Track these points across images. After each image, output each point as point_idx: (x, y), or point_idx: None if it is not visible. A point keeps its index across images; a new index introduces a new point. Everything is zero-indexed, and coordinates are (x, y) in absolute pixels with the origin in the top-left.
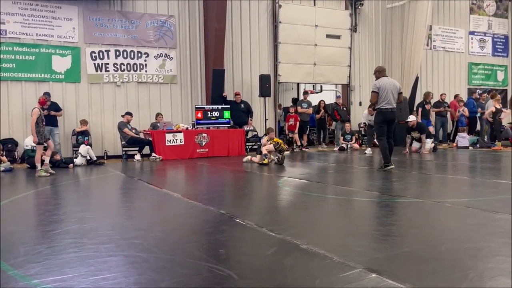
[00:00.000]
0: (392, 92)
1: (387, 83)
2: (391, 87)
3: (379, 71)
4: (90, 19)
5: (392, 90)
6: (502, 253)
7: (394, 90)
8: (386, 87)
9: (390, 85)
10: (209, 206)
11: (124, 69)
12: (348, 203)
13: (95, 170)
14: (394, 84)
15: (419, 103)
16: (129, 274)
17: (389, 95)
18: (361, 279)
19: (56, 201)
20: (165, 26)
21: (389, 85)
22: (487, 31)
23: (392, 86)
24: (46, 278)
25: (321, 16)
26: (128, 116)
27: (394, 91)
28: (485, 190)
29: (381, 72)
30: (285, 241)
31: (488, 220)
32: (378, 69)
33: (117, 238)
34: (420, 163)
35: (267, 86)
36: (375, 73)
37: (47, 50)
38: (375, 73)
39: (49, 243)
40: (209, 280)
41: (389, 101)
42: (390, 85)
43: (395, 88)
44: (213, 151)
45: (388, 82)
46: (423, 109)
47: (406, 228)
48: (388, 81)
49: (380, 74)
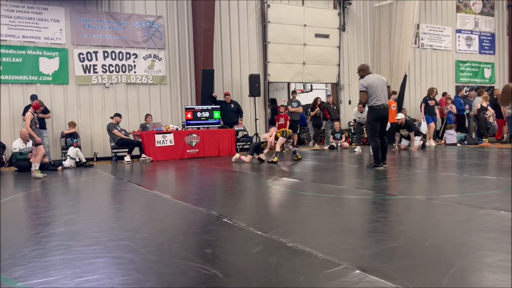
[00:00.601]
0: (382, 88)
1: (375, 80)
2: (379, 83)
3: (362, 69)
4: (78, 20)
5: (382, 86)
6: (485, 247)
7: (383, 85)
8: (374, 84)
9: (378, 81)
10: (198, 206)
11: (112, 70)
12: (336, 201)
13: (84, 172)
14: (381, 79)
15: (423, 98)
16: (114, 275)
17: (378, 92)
18: (344, 275)
19: (43, 203)
20: (153, 27)
21: (377, 82)
22: (474, 29)
23: (380, 82)
24: (31, 280)
25: (310, 16)
26: (117, 118)
27: (384, 86)
28: (472, 186)
29: (365, 70)
30: (271, 240)
31: (472, 215)
32: (362, 68)
33: (104, 240)
34: (408, 160)
35: (256, 86)
36: (359, 72)
37: (34, 52)
38: (359, 72)
39: (35, 246)
40: (194, 279)
41: (379, 97)
42: (378, 81)
43: (383, 83)
44: (204, 152)
45: (375, 79)
46: (426, 105)
47: (393, 225)
48: (375, 77)
49: (365, 72)
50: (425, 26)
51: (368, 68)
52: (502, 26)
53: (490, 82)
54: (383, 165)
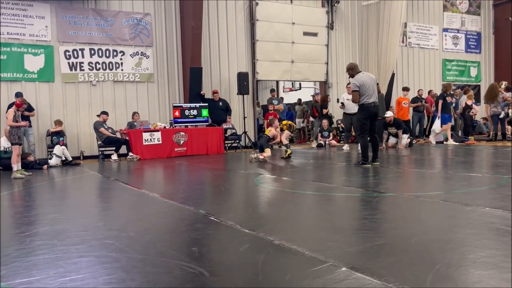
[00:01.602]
0: (373, 86)
1: (366, 78)
2: (370, 81)
3: (352, 68)
4: (63, 17)
5: (373, 84)
6: (469, 244)
7: (373, 83)
8: (366, 83)
9: (368, 79)
10: (185, 205)
11: (99, 68)
12: (324, 199)
13: (70, 170)
14: (371, 77)
15: (440, 95)
16: (98, 274)
17: (370, 90)
18: (331, 272)
19: (27, 203)
20: (141, 24)
21: (367, 80)
22: (460, 28)
23: (370, 80)
24: (13, 280)
25: (298, 14)
26: (104, 116)
27: (374, 84)
28: (457, 183)
29: (354, 69)
30: (258, 238)
31: (457, 212)
32: (351, 67)
33: (89, 239)
34: (396, 158)
35: (245, 84)
36: (348, 71)
37: (19, 49)
38: (348, 71)
39: (18, 245)
40: (179, 278)
41: (370, 95)
42: (368, 79)
43: (373, 81)
44: (192, 150)
45: (365, 77)
46: (444, 101)
47: (379, 222)
48: (365, 75)
49: (354, 71)
50: (413, 25)
51: (357, 67)
52: (488, 25)
53: (476, 81)
54: (376, 162)
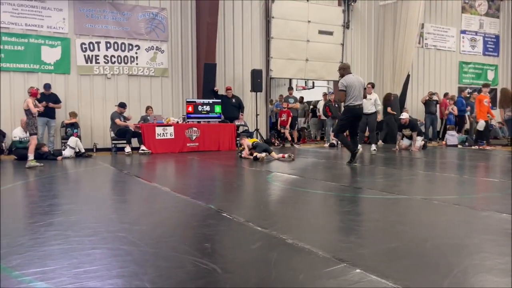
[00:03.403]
0: (360, 89)
1: (354, 80)
2: (357, 84)
3: (343, 68)
4: (81, 10)
5: (359, 87)
6: (486, 250)
7: (360, 86)
8: (353, 84)
9: (357, 82)
10: (197, 200)
11: (114, 61)
12: (336, 199)
13: (83, 162)
14: (360, 80)
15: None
16: (111, 267)
17: (356, 92)
18: (344, 274)
19: (42, 193)
20: (156, 19)
21: (355, 82)
22: (479, 31)
23: (358, 83)
24: (27, 270)
25: (314, 12)
26: (121, 108)
27: (361, 87)
28: (472, 187)
29: (346, 69)
30: (271, 236)
31: (473, 217)
32: (343, 66)
33: (102, 231)
34: (410, 160)
35: (258, 81)
36: (340, 71)
37: (37, 41)
38: (340, 70)
39: (32, 235)
40: (192, 273)
41: (356, 97)
42: (356, 82)
43: (361, 84)
44: (204, 146)
45: (354, 79)
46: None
47: (393, 224)
48: (354, 78)
49: (345, 71)
50: (430, 26)
51: (349, 68)
52: (507, 28)
53: (493, 84)
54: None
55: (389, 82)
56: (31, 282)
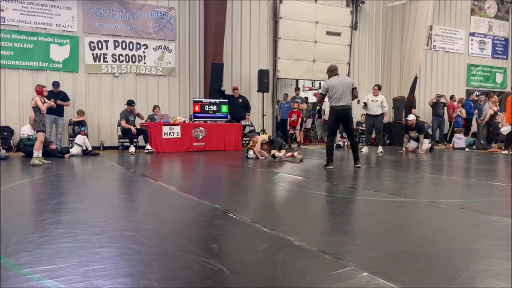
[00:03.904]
0: (344, 90)
1: (336, 82)
2: (341, 85)
3: (330, 70)
4: (90, 8)
5: (344, 88)
6: (494, 255)
7: (345, 87)
8: (335, 86)
9: (340, 84)
10: (204, 200)
11: (122, 60)
12: (343, 201)
13: (90, 160)
14: (345, 81)
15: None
16: (119, 265)
17: (339, 93)
18: (352, 277)
19: (50, 190)
20: (165, 18)
21: (338, 84)
22: (488, 33)
23: (343, 84)
24: (36, 267)
25: (322, 13)
26: (129, 106)
27: (346, 88)
28: (480, 191)
29: (333, 71)
30: (277, 237)
31: (481, 221)
32: (330, 68)
33: (109, 230)
34: (416, 163)
35: (265, 81)
36: (327, 72)
37: (46, 39)
38: (327, 72)
39: (41, 233)
40: (199, 274)
41: (340, 99)
42: (339, 84)
43: (346, 85)
44: (210, 145)
45: (338, 81)
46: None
47: (400, 227)
48: (338, 79)
49: (332, 73)
50: (438, 28)
51: (336, 70)
52: None
53: (501, 87)
54: (357, 165)
55: (397, 84)
56: (40, 279)
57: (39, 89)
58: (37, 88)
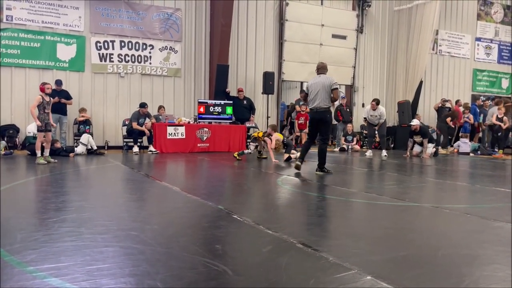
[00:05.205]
0: (319, 91)
1: (313, 82)
2: (317, 86)
3: (317, 68)
4: (97, 8)
5: (319, 89)
6: (498, 261)
7: (321, 88)
8: (311, 87)
9: (317, 84)
10: (208, 201)
11: (128, 60)
12: (346, 204)
13: (95, 159)
14: (322, 82)
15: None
16: (124, 265)
17: (313, 95)
18: (355, 280)
19: (55, 189)
20: (171, 19)
21: (314, 84)
22: (494, 38)
23: (319, 85)
24: (42, 265)
25: (328, 16)
26: (142, 109)
27: (322, 89)
28: (484, 197)
29: (319, 69)
30: (281, 240)
31: (485, 227)
32: (317, 66)
33: (114, 229)
34: (420, 167)
35: (270, 83)
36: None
37: (52, 38)
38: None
39: (46, 231)
40: (203, 274)
41: (313, 100)
42: (315, 84)
43: (323, 85)
44: (214, 146)
45: (315, 81)
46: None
47: (404, 231)
48: (318, 80)
49: (318, 71)
50: (444, 32)
51: (322, 68)
52: None
53: (507, 93)
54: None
55: (402, 88)
56: (45, 278)
57: (41, 87)
58: (40, 85)
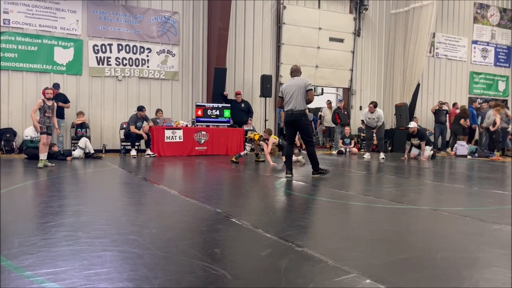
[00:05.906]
0: (294, 93)
1: (288, 84)
2: (292, 88)
3: (291, 71)
4: (94, 12)
5: (294, 91)
6: (498, 263)
7: (296, 89)
8: (286, 89)
9: (291, 86)
10: (206, 204)
11: (126, 64)
12: (344, 207)
13: (92, 163)
14: (297, 84)
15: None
16: (122, 269)
17: (288, 97)
18: (355, 284)
19: (52, 193)
20: (168, 22)
21: (289, 87)
22: (490, 41)
23: (294, 87)
24: (39, 270)
25: (325, 19)
26: (140, 112)
27: (297, 91)
28: (482, 199)
29: (292, 72)
30: (280, 243)
31: (484, 230)
32: (291, 69)
33: (112, 233)
34: (418, 170)
35: (268, 86)
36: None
37: (50, 42)
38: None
39: (44, 235)
40: (202, 279)
41: (288, 102)
42: (290, 86)
43: (298, 87)
44: (212, 150)
45: (292, 83)
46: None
47: (402, 234)
48: (292, 82)
49: (292, 75)
50: (441, 35)
51: (296, 71)
52: None
53: (503, 95)
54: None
55: (399, 90)
56: (43, 282)
57: (43, 91)
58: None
